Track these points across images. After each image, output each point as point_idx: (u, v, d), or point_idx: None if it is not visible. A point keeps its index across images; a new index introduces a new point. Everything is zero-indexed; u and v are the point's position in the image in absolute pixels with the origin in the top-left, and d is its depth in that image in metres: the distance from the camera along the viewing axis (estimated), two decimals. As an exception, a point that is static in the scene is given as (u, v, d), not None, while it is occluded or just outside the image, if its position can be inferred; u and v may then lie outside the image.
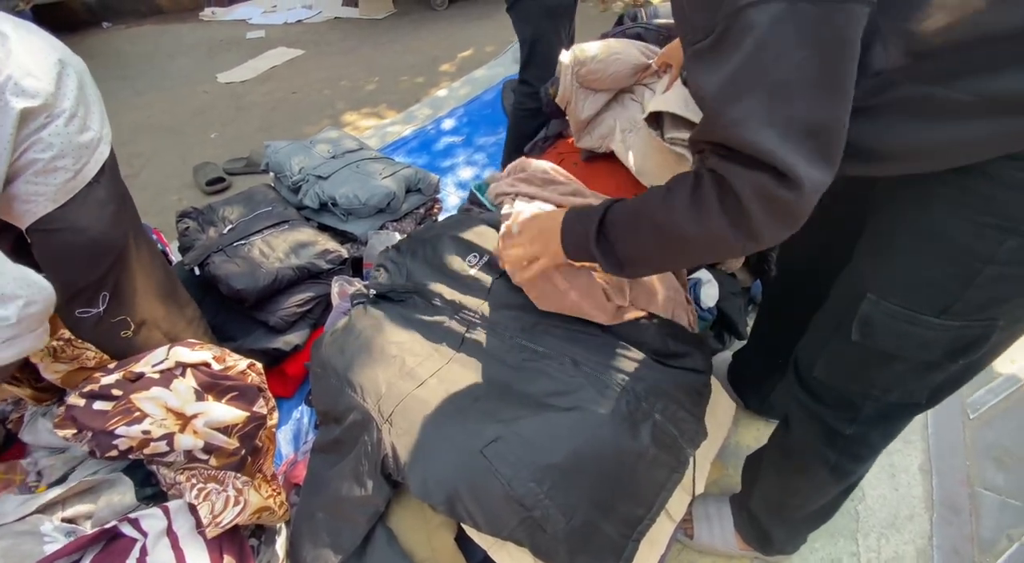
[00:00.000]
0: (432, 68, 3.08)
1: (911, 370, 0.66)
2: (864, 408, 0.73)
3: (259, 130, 2.63)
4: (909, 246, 0.60)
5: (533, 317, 0.94)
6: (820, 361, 0.76)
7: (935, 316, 0.59)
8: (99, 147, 0.94)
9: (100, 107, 0.97)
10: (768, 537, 1.02)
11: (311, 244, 1.39)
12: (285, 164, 1.61)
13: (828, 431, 0.79)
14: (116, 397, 0.90)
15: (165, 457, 0.89)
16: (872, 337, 0.65)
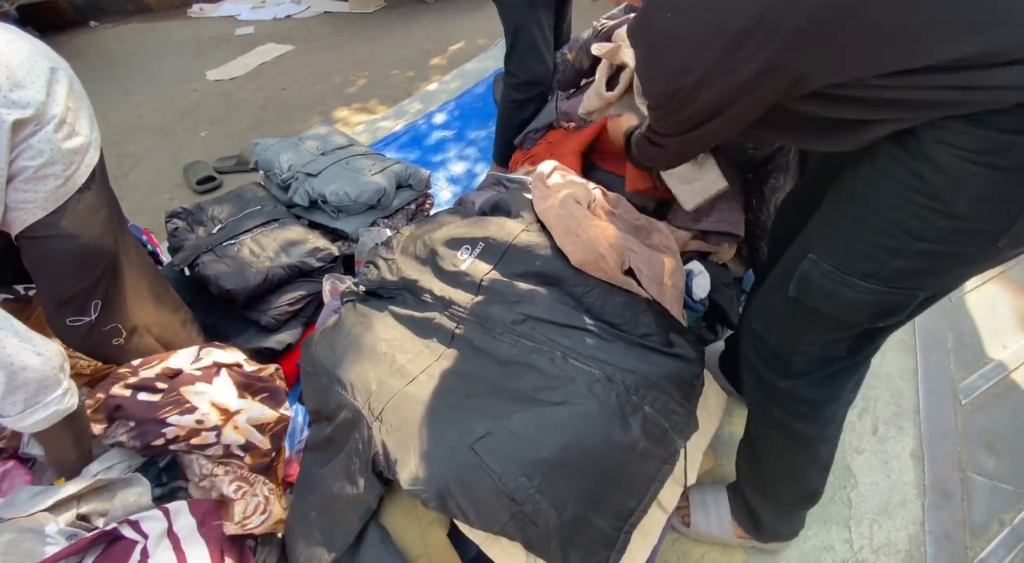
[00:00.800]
0: (423, 62, 3.06)
1: (835, 327, 0.73)
2: (793, 362, 0.79)
3: (249, 128, 2.61)
4: (854, 216, 0.65)
5: (523, 311, 0.93)
6: (758, 315, 0.84)
7: (862, 279, 0.65)
8: (88, 152, 0.93)
9: (89, 111, 0.96)
10: (759, 522, 1.03)
11: (301, 242, 1.38)
12: (274, 162, 1.60)
13: (766, 385, 0.86)
14: (162, 390, 0.92)
15: (207, 450, 0.92)
16: (807, 294, 0.72)
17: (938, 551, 1.09)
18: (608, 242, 0.96)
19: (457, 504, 0.74)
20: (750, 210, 1.34)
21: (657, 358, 0.92)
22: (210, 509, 0.91)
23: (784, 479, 0.96)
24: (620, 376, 0.86)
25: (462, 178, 2.17)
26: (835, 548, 1.10)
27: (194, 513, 0.89)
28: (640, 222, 1.18)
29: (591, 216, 1.04)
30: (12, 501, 0.86)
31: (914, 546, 1.10)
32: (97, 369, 1.07)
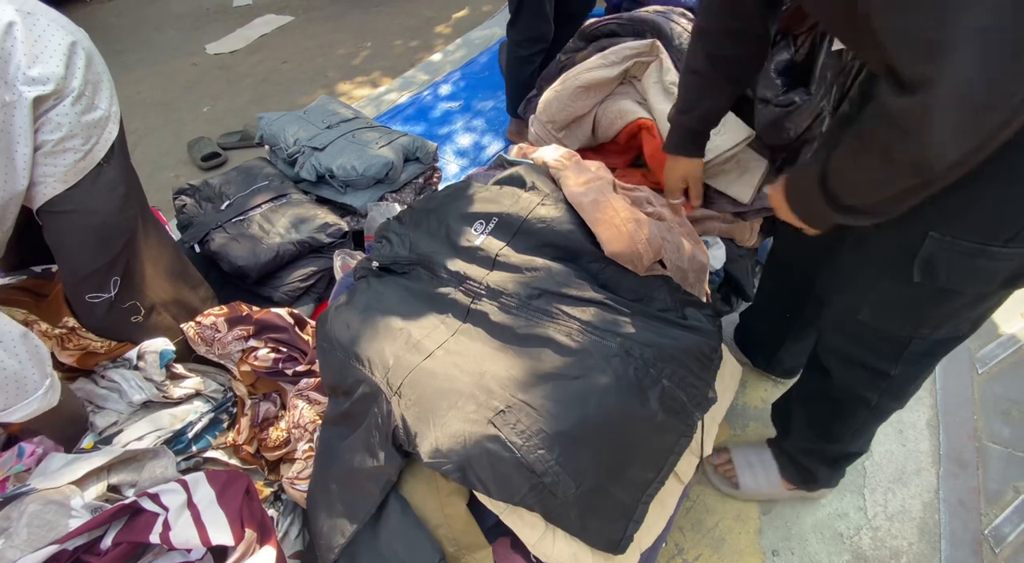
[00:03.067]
0: (426, 30, 2.98)
1: (966, 304, 0.69)
2: (910, 346, 0.76)
3: (251, 102, 2.56)
4: (993, 180, 0.59)
5: (539, 285, 0.92)
6: (866, 307, 0.78)
7: (1003, 246, 0.61)
8: (108, 126, 0.93)
9: (109, 85, 0.95)
10: (813, 476, 1.07)
11: (311, 218, 1.37)
12: (279, 136, 1.57)
13: (872, 374, 0.83)
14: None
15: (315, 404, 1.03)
16: (934, 275, 0.67)
17: (952, 518, 1.10)
18: (646, 237, 0.93)
19: (477, 476, 0.74)
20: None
21: (675, 331, 0.91)
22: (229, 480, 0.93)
23: (852, 444, 0.98)
24: (638, 350, 0.86)
25: (469, 151, 2.14)
26: (849, 515, 1.11)
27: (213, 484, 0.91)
28: (653, 208, 1.15)
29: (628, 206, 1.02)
30: (44, 470, 0.88)
31: (928, 513, 1.11)
32: (110, 348, 1.08)
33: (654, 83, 1.27)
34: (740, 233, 1.34)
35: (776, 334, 1.24)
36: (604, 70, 1.31)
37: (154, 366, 1.08)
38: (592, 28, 1.40)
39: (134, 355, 1.10)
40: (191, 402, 1.12)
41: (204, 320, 1.13)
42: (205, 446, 1.07)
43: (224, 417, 1.13)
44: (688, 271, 1.07)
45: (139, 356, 1.09)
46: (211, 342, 1.14)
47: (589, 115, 1.40)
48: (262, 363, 1.09)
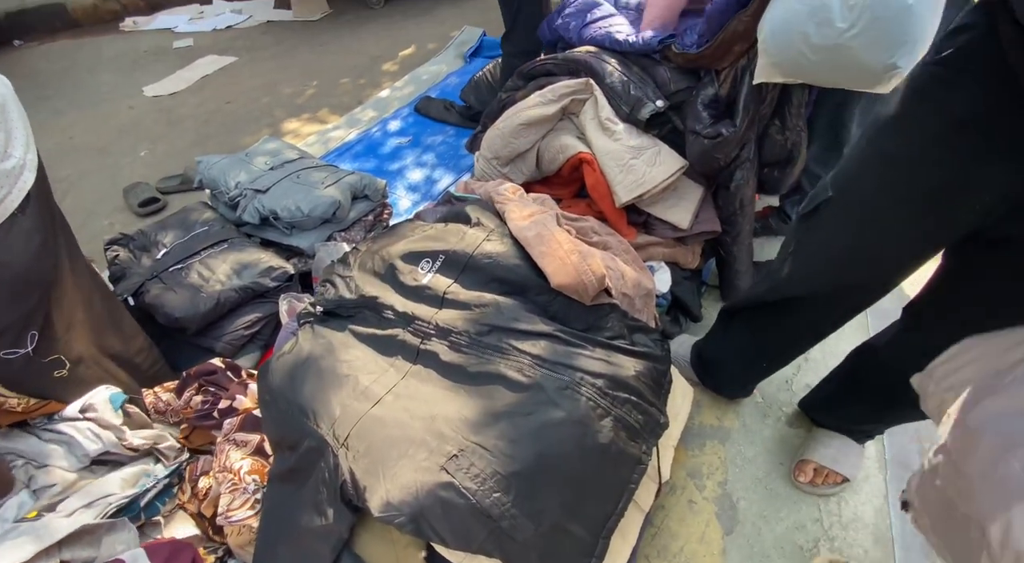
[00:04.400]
0: (373, 69, 3.00)
1: None
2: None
3: (193, 144, 2.50)
4: None
5: (488, 322, 0.92)
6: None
7: None
8: (23, 175, 0.88)
9: (25, 132, 0.90)
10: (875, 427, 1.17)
11: (254, 262, 1.33)
12: (220, 180, 1.53)
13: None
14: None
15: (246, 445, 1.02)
16: None
17: (903, 522, 1.14)
18: (592, 270, 0.95)
19: (431, 527, 0.72)
20: (717, 207, 1.37)
21: (624, 359, 0.92)
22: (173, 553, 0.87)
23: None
24: (590, 380, 0.86)
25: (421, 185, 2.14)
26: (807, 527, 1.13)
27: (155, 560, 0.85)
28: (598, 237, 1.18)
29: (572, 238, 1.04)
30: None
31: (880, 518, 1.15)
32: (28, 407, 1.00)
33: (591, 119, 1.32)
34: (682, 257, 1.39)
35: (749, 376, 1.26)
36: (543, 108, 1.35)
37: (108, 411, 1.02)
38: (530, 68, 1.44)
39: (75, 410, 1.03)
40: (142, 462, 1.07)
41: (161, 394, 1.11)
42: (155, 513, 1.00)
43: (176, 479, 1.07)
44: (634, 297, 1.10)
45: (84, 409, 1.02)
46: (164, 412, 1.10)
47: (532, 150, 1.44)
48: (192, 409, 1.04)
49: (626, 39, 1.32)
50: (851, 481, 1.16)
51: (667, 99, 1.26)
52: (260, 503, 0.92)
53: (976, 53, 0.64)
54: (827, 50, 0.93)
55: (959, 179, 0.70)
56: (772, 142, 1.24)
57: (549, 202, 1.29)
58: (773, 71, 1.05)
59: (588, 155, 1.34)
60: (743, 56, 1.15)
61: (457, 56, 3.00)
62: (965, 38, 0.66)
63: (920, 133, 0.72)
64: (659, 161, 1.27)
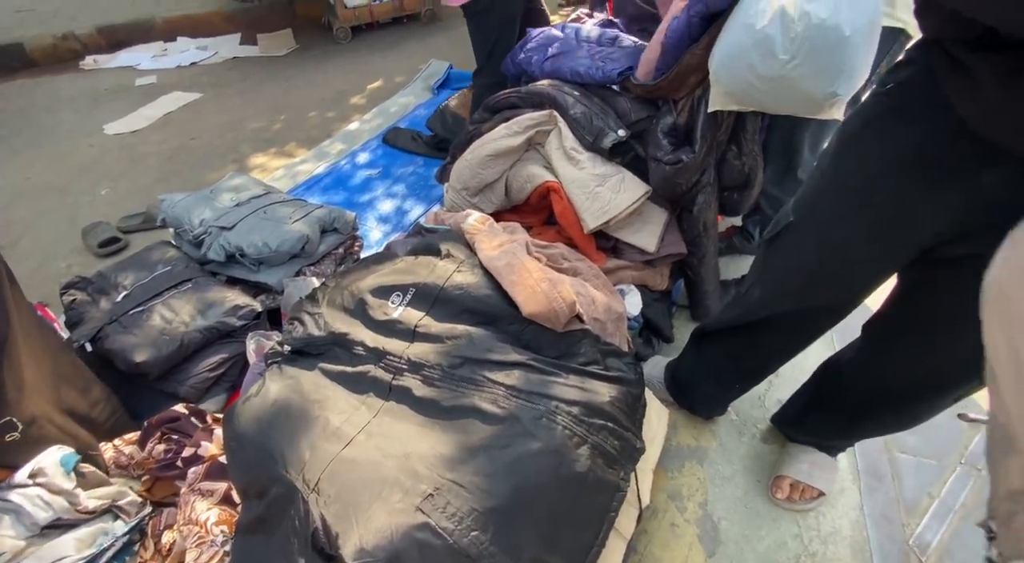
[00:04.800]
0: (341, 102, 3.02)
1: None
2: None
3: (157, 181, 2.45)
4: None
5: (461, 354, 0.91)
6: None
7: None
8: None
9: None
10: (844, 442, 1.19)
11: (219, 301, 1.29)
12: (184, 218, 1.50)
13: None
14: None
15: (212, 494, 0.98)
16: None
17: (879, 532, 1.15)
18: (563, 297, 0.96)
19: (408, 570, 0.70)
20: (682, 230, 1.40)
21: (599, 385, 0.92)
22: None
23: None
24: (564, 408, 0.86)
25: (392, 216, 2.14)
26: (787, 544, 1.14)
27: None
28: (568, 263, 1.20)
29: (541, 266, 1.05)
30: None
31: (857, 530, 1.16)
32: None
33: (556, 149, 1.36)
34: (651, 279, 1.42)
35: (723, 396, 1.28)
36: (509, 139, 1.38)
37: (59, 475, 0.96)
38: (495, 101, 1.48)
39: (24, 476, 0.97)
40: (100, 519, 1.01)
41: (122, 447, 1.06)
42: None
43: (137, 535, 1.02)
44: (606, 321, 1.11)
45: (33, 474, 0.96)
46: (126, 466, 1.05)
47: (501, 180, 1.46)
48: (155, 458, 1.00)
49: (587, 71, 1.37)
50: (827, 495, 1.18)
51: (628, 128, 1.31)
52: (229, 556, 0.88)
53: (917, 87, 0.69)
54: (772, 80, 0.98)
55: (907, 205, 0.73)
56: (730, 167, 1.29)
57: (519, 230, 1.31)
58: (726, 100, 1.10)
59: (555, 184, 1.37)
60: (698, 86, 1.20)
61: (425, 88, 3.04)
62: (907, 72, 0.71)
63: (870, 161, 0.76)
64: (623, 188, 1.30)
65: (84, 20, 3.99)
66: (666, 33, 1.13)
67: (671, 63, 1.17)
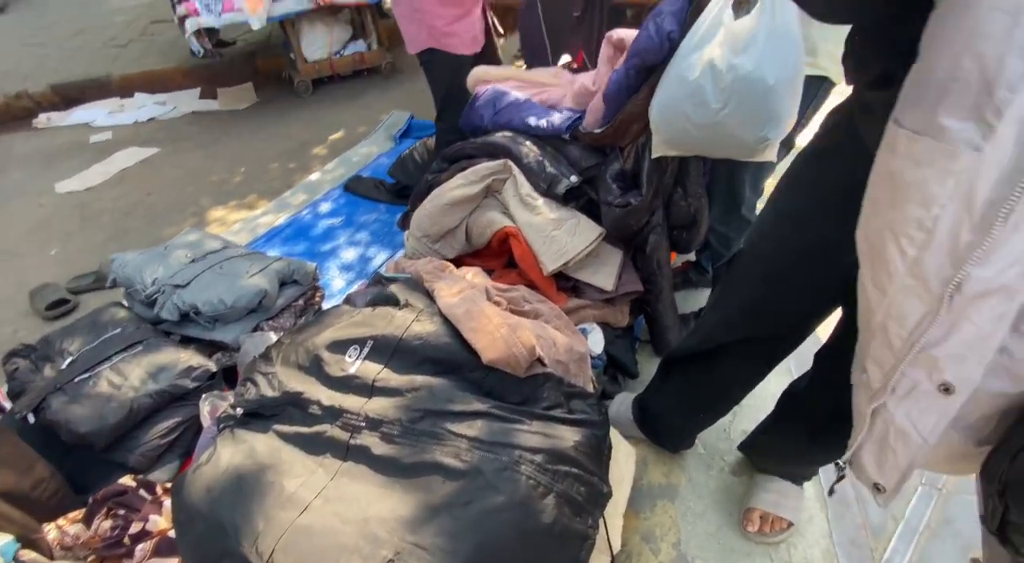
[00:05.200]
0: (303, 153, 3.04)
1: None
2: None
3: (110, 239, 2.39)
4: None
5: (421, 407, 0.90)
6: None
7: None
8: None
9: None
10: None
11: (172, 363, 1.25)
12: (135, 278, 1.47)
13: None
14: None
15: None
16: None
17: (849, 560, 1.16)
18: (522, 342, 0.97)
19: (368, 644, 0.66)
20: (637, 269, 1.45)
21: (563, 429, 0.92)
22: None
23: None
24: (528, 457, 0.85)
25: (355, 264, 2.13)
26: (763, 580, 1.13)
27: None
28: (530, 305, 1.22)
29: (500, 311, 1.06)
30: None
31: (828, 559, 1.16)
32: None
33: (512, 196, 1.40)
34: (612, 317, 1.44)
35: (690, 427, 1.29)
36: (467, 188, 1.41)
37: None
38: (453, 152, 1.53)
39: None
40: None
41: (67, 528, 0.99)
42: None
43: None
44: (568, 363, 1.12)
45: None
46: (71, 547, 0.98)
47: (461, 226, 1.49)
48: (100, 537, 0.93)
49: (537, 124, 1.43)
50: (796, 524, 1.18)
51: (580, 174, 1.36)
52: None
53: (843, 126, 0.75)
54: (706, 127, 1.04)
55: (841, 238, 0.79)
56: (677, 208, 1.35)
57: (480, 275, 1.32)
58: (666, 147, 1.16)
59: (513, 229, 1.40)
60: (641, 134, 1.27)
61: (387, 138, 3.10)
62: (835, 118, 0.78)
63: (807, 195, 0.82)
64: (578, 231, 1.34)
65: (38, 79, 3.95)
66: (607, 85, 1.20)
67: (614, 113, 1.24)
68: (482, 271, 1.37)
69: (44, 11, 5.78)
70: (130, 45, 4.50)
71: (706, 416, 1.24)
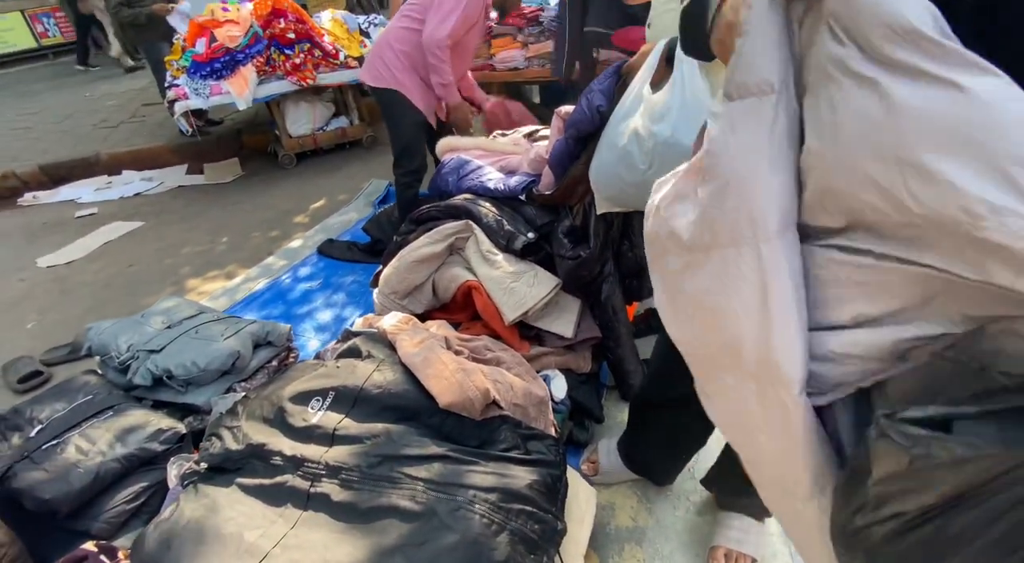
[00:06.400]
0: (285, 221, 3.16)
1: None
2: None
3: (89, 311, 2.42)
4: None
5: (379, 452, 0.94)
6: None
7: None
8: None
9: None
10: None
11: (140, 426, 1.27)
12: (110, 344, 1.51)
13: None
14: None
15: None
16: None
17: (815, 595, 1.17)
18: (476, 385, 1.03)
19: None
20: (595, 317, 1.53)
21: (518, 469, 0.97)
22: None
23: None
24: (482, 496, 0.89)
25: (330, 325, 2.19)
26: (732, 621, 1.13)
27: None
28: (492, 353, 1.29)
29: (456, 358, 1.13)
30: None
31: (796, 596, 1.17)
32: None
33: (474, 253, 1.50)
34: (575, 363, 1.51)
35: (677, 463, 1.33)
36: (432, 246, 1.51)
37: None
38: (418, 215, 1.64)
39: None
40: None
41: None
42: None
43: None
44: (527, 406, 1.17)
45: None
46: None
47: (427, 283, 1.57)
48: None
49: (496, 187, 1.56)
50: (760, 560, 1.20)
51: (536, 231, 1.48)
52: None
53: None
54: (638, 185, 1.17)
55: None
56: (626, 258, 1.46)
57: (444, 327, 1.39)
58: (608, 204, 1.29)
59: (475, 283, 1.49)
60: (587, 194, 1.39)
61: (367, 204, 3.25)
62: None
63: None
64: (536, 282, 1.43)
65: (26, 159, 4.10)
66: (550, 153, 1.34)
67: (561, 176, 1.37)
68: (446, 323, 1.45)
69: (34, 98, 6.08)
70: (120, 126, 4.72)
71: (698, 446, 1.28)
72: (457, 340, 1.30)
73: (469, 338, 1.36)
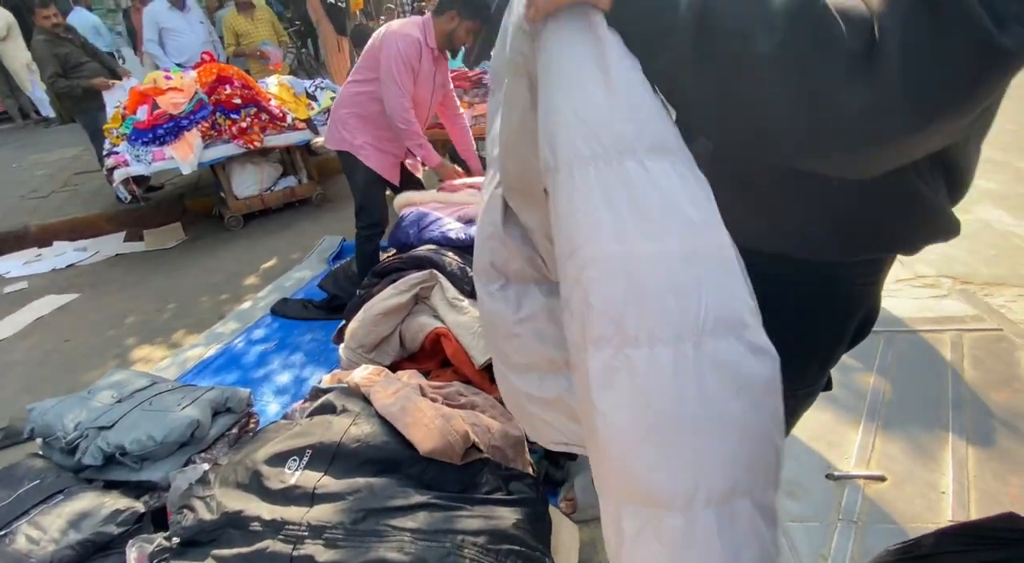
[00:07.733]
0: (234, 284, 3.07)
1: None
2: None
3: (22, 391, 2.24)
4: None
5: (362, 507, 0.94)
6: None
7: None
8: None
9: None
10: None
11: (94, 510, 1.19)
12: (55, 425, 1.41)
13: None
14: None
15: None
16: None
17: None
18: (455, 429, 1.05)
19: None
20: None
21: (503, 510, 0.98)
22: None
23: None
24: (471, 540, 0.90)
25: (290, 386, 2.13)
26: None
27: None
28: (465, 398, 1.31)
29: (434, 405, 1.15)
30: None
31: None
32: None
33: (440, 300, 1.54)
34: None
35: None
36: (397, 297, 1.55)
37: None
38: (382, 267, 1.68)
39: None
40: None
41: None
42: None
43: None
44: (505, 448, 1.19)
45: None
46: None
47: (394, 334, 1.59)
48: None
49: (457, 236, 1.63)
50: None
51: (497, 275, 1.54)
52: None
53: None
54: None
55: None
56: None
57: (416, 376, 1.41)
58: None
59: (444, 329, 1.52)
60: (543, 237, 1.48)
61: (320, 261, 3.21)
62: None
63: None
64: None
65: (-55, 236, 3.83)
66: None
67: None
68: (417, 372, 1.46)
69: (-44, 171, 5.72)
70: (51, 196, 4.52)
71: None
72: (430, 388, 1.31)
73: (441, 385, 1.37)
